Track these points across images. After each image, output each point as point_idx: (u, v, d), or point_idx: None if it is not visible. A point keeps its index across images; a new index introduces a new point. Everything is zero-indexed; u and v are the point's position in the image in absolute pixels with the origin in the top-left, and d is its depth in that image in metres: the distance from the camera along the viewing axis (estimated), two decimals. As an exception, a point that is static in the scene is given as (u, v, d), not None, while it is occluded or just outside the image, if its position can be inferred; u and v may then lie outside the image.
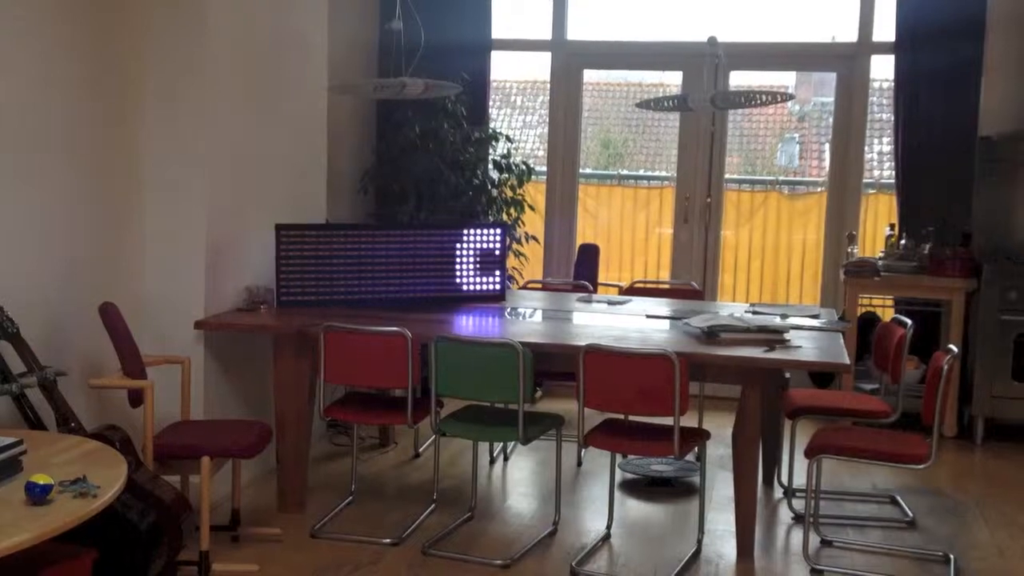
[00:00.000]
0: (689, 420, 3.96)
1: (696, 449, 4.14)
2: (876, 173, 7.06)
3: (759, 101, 4.92)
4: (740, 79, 6.70)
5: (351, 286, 4.74)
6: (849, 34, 6.38)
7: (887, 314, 6.20)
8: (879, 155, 7.15)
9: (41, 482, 2.45)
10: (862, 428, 4.33)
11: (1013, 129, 5.84)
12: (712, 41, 5.00)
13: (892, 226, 6.22)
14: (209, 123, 4.27)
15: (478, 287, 4.95)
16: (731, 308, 4.96)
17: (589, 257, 6.20)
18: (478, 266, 4.95)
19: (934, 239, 5.89)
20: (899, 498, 4.71)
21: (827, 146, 6.85)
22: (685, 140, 6.65)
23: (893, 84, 6.16)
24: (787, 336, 4.10)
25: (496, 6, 6.57)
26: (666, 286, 5.97)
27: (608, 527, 4.27)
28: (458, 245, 4.91)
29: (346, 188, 6.23)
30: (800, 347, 3.99)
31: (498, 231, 5.03)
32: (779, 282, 7.08)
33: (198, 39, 4.20)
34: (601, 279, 6.29)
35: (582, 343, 3.84)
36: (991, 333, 5.62)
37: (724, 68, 5.94)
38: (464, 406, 4.36)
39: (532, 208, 6.51)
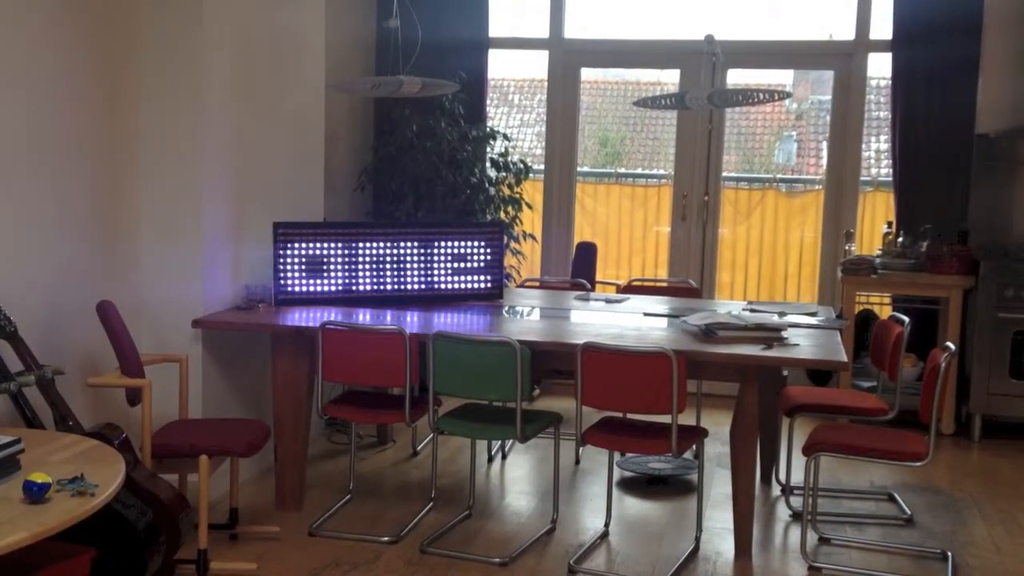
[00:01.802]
0: (687, 418, 3.96)
1: (694, 447, 4.14)
2: (873, 171, 7.06)
3: (756, 99, 4.91)
4: (737, 77, 6.70)
5: (349, 284, 4.74)
6: (846, 32, 6.38)
7: (884, 312, 6.21)
8: (876, 153, 7.16)
9: (39, 481, 2.45)
10: (860, 426, 4.34)
11: (1010, 126, 5.85)
12: (709, 39, 5.00)
13: (889, 224, 6.23)
14: (206, 122, 4.26)
15: (476, 285, 4.95)
16: (729, 306, 4.97)
17: (587, 255, 6.20)
18: (476, 264, 4.95)
19: (931, 236, 5.90)
20: (897, 495, 4.72)
21: (824, 144, 6.85)
22: (683, 138, 6.65)
23: (890, 82, 6.16)
24: (785, 334, 4.10)
25: (494, 4, 6.57)
26: (664, 284, 5.97)
27: (606, 525, 4.27)
28: (456, 243, 4.91)
29: (344, 186, 6.23)
30: (798, 345, 3.99)
31: (496, 229, 5.02)
32: (776, 280, 7.08)
33: (195, 39, 4.19)
34: (599, 277, 6.29)
35: (580, 341, 3.84)
36: (988, 330, 5.63)
37: (721, 66, 5.94)
38: (462, 404, 4.36)
39: (530, 206, 6.52)
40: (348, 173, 6.30)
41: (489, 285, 4.98)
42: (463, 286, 4.93)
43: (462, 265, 4.93)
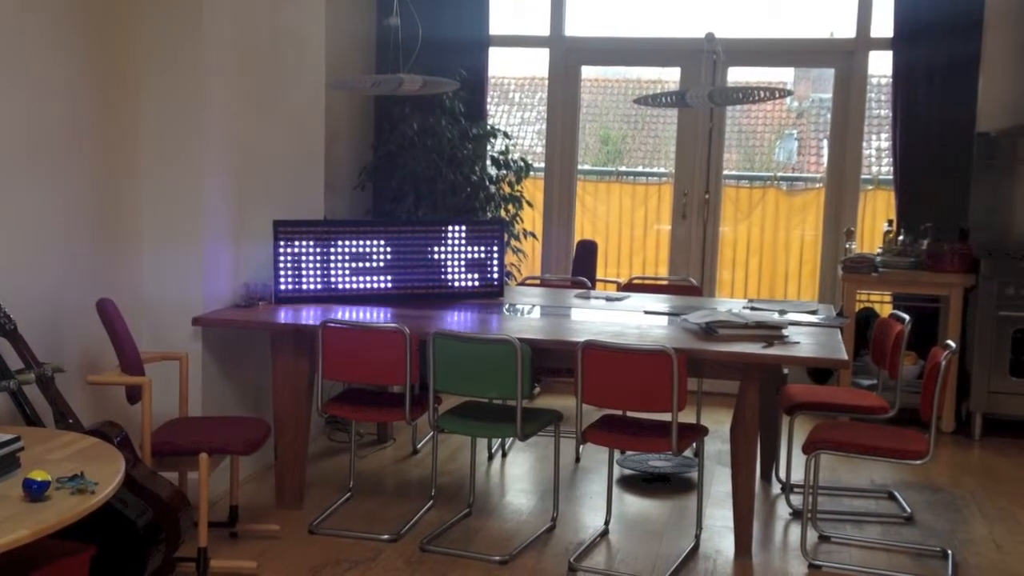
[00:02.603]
0: (687, 416, 3.96)
1: (694, 445, 4.14)
2: (874, 169, 7.06)
3: (757, 97, 4.91)
4: (738, 75, 6.70)
5: (349, 282, 4.74)
6: (847, 30, 6.38)
7: (885, 310, 6.20)
8: (877, 151, 7.15)
9: (39, 479, 2.45)
10: (860, 424, 4.33)
11: (1011, 125, 5.85)
12: (710, 37, 4.99)
13: (890, 222, 6.22)
14: (206, 120, 4.26)
15: (476, 283, 4.95)
16: (729, 304, 4.96)
17: (587, 253, 6.20)
18: (476, 262, 4.95)
19: (932, 235, 5.89)
20: (897, 494, 4.72)
21: (825, 142, 6.85)
22: (683, 136, 6.65)
23: (891, 80, 6.16)
24: (785, 332, 4.10)
25: (494, 2, 6.57)
26: (664, 282, 5.96)
27: (606, 523, 4.27)
28: (456, 242, 4.91)
29: (344, 184, 6.23)
30: (798, 343, 3.99)
31: (496, 227, 5.02)
32: (777, 278, 7.08)
33: (195, 37, 4.19)
34: (599, 275, 6.29)
35: (580, 339, 3.84)
36: (989, 329, 5.63)
37: (722, 64, 5.94)
38: (462, 402, 4.37)
39: (530, 204, 6.52)
40: (348, 171, 6.30)
41: (490, 283, 4.98)
42: (463, 284, 4.93)
43: (462, 263, 4.92)
